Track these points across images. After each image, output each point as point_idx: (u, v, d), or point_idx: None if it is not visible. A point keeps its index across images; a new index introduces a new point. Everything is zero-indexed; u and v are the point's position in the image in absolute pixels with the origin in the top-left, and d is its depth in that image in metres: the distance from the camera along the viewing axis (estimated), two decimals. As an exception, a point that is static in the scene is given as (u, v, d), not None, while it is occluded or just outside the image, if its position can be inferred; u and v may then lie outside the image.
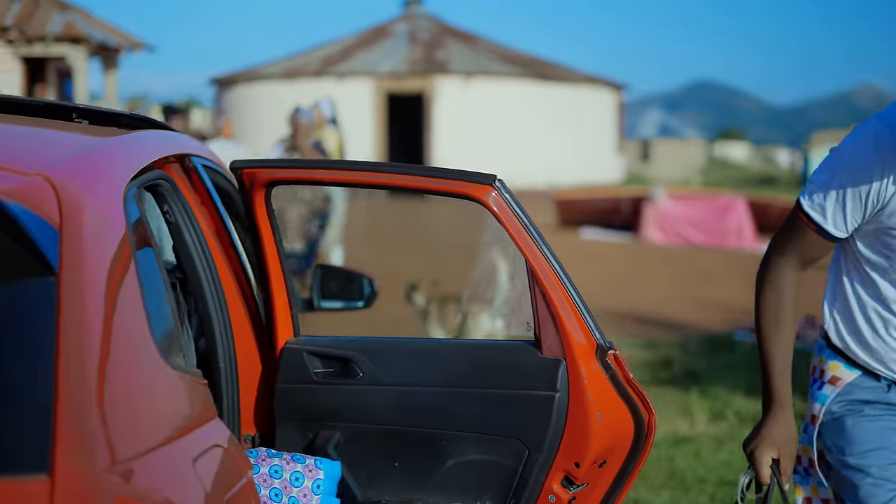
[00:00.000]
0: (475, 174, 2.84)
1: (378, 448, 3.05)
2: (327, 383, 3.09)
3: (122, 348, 2.02)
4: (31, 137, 2.51)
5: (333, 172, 3.26)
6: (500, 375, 2.92)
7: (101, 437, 1.83)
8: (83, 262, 2.01)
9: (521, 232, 2.79)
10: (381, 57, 29.57)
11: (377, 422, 3.04)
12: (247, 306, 3.22)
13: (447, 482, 2.98)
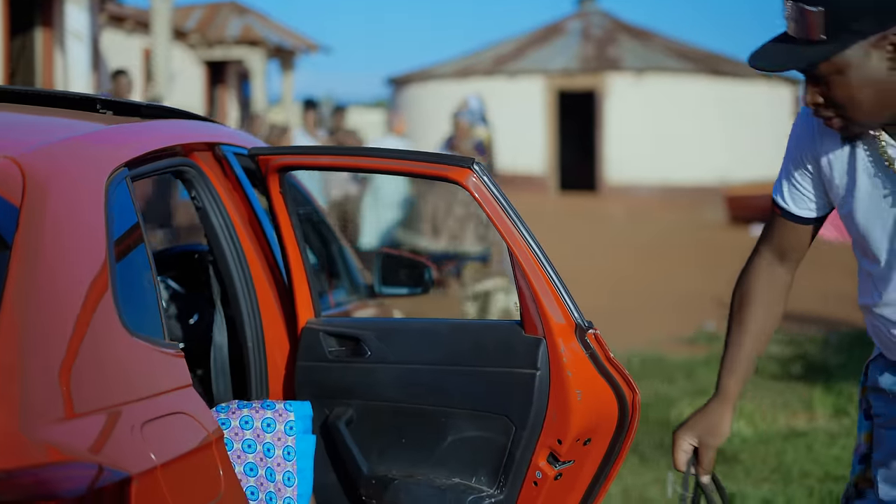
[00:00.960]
0: (456, 157, 2.93)
1: (386, 424, 3.15)
2: (340, 361, 3.21)
3: (75, 318, 2.17)
4: (20, 125, 2.70)
5: (333, 158, 3.40)
6: (490, 354, 2.99)
7: (31, 399, 1.97)
8: (42, 238, 2.17)
9: (500, 214, 2.85)
10: (553, 55, 29.55)
11: (384, 399, 3.14)
12: (276, 289, 3.36)
13: (447, 458, 3.06)
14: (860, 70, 2.30)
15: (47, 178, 2.27)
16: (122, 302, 2.32)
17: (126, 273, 2.43)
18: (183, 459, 2.28)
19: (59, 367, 2.08)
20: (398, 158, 3.16)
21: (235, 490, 2.52)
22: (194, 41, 28.18)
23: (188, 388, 2.47)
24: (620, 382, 2.84)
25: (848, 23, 2.28)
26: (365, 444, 3.16)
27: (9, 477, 1.87)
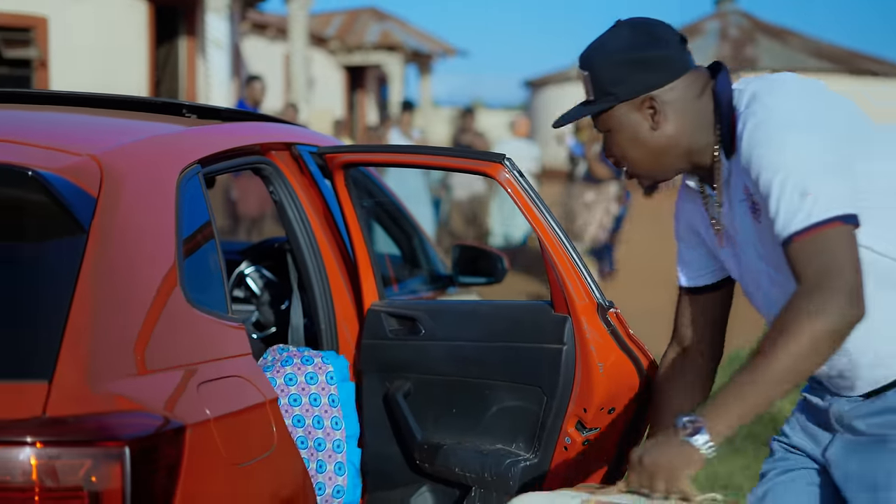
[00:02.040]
0: (490, 154, 3.24)
1: (438, 396, 3.48)
2: (399, 339, 3.55)
3: (141, 289, 2.54)
4: (105, 127, 3.10)
5: (387, 155, 3.76)
6: (524, 331, 3.29)
7: (100, 357, 2.35)
8: (114, 224, 2.55)
9: (530, 205, 3.15)
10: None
11: (436, 373, 3.46)
12: (345, 275, 3.71)
13: (490, 426, 3.37)
14: (625, 129, 2.53)
15: (122, 173, 2.65)
16: (188, 279, 2.69)
17: (193, 256, 2.80)
18: (236, 416, 2.63)
19: (127, 331, 2.45)
20: (440, 155, 3.52)
21: (288, 446, 2.87)
22: (334, 47, 28.96)
23: (247, 356, 2.83)
24: (640, 356, 3.11)
25: (606, 87, 2.51)
26: (419, 414, 3.49)
27: (77, 421, 2.24)
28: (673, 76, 2.51)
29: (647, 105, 2.52)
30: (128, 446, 2.24)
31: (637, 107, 2.52)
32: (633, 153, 2.56)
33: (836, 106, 2.41)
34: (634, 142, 2.54)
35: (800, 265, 2.26)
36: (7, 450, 2.19)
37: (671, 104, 2.52)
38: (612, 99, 2.52)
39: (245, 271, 4.54)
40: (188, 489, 2.36)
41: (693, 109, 2.52)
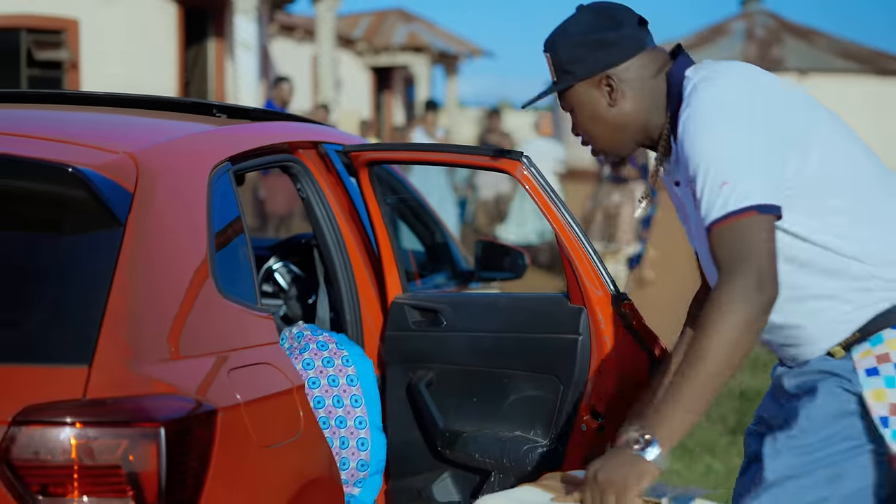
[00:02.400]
0: (508, 151, 3.37)
1: (459, 385, 3.60)
2: (421, 331, 3.67)
3: (175, 280, 2.68)
4: (140, 127, 3.24)
5: (410, 153, 3.90)
6: (542, 322, 3.41)
7: (137, 342, 2.48)
8: (150, 217, 2.68)
9: (546, 200, 3.27)
10: (715, 56, 29.47)
11: (457, 363, 3.59)
12: (370, 269, 3.84)
13: (510, 414, 3.50)
14: (585, 106, 2.66)
15: (157, 170, 2.78)
16: (219, 271, 2.82)
17: (224, 249, 2.94)
18: (265, 401, 2.77)
19: (162, 319, 2.59)
20: (460, 153, 3.66)
21: (315, 432, 2.99)
22: (361, 48, 29.14)
23: (275, 344, 2.96)
24: (652, 345, 3.23)
25: (566, 67, 2.65)
26: (441, 403, 3.61)
27: (115, 402, 2.38)
28: (628, 55, 2.64)
29: (604, 83, 2.65)
30: (163, 427, 2.37)
31: (595, 85, 2.65)
32: (593, 129, 2.69)
33: (773, 98, 2.52)
34: (594, 118, 2.67)
35: (716, 253, 2.38)
36: (49, 430, 2.32)
37: (627, 82, 2.65)
38: (571, 78, 2.66)
39: (273, 267, 4.68)
40: (219, 469, 2.50)
41: (649, 88, 2.65)
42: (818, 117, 2.58)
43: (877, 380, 2.50)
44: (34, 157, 2.64)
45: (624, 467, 2.33)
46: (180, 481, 2.41)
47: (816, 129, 2.55)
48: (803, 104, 2.58)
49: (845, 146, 2.60)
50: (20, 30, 18.14)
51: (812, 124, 2.55)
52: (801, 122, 2.54)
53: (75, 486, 2.34)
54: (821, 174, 2.51)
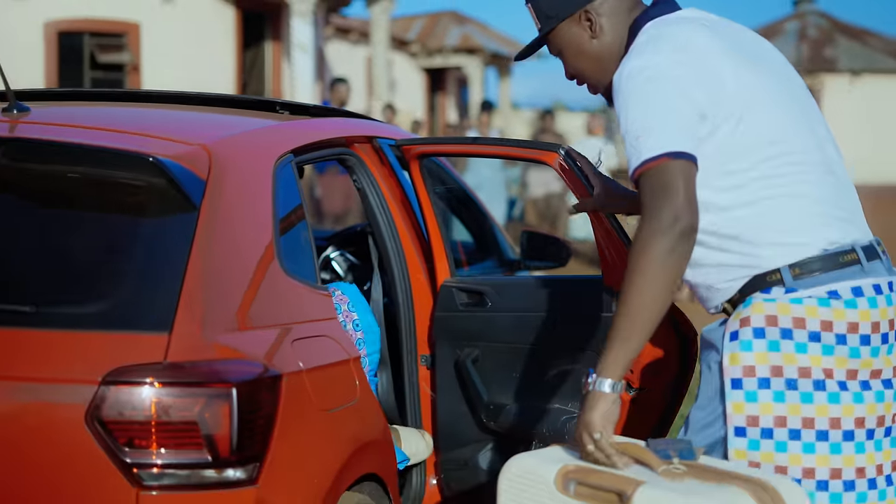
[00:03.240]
0: (547, 144, 3.66)
1: (503, 361, 3.87)
2: (468, 311, 3.95)
3: (244, 258, 2.97)
4: (213, 122, 3.53)
5: (456, 146, 4.19)
6: (581, 301, 3.68)
7: (211, 313, 2.77)
8: (223, 202, 2.97)
9: (583, 189, 3.53)
10: (768, 57, 29.57)
11: (501, 341, 3.87)
12: (421, 255, 4.12)
13: (549, 388, 3.77)
14: (571, 44, 2.89)
15: (227, 160, 3.07)
16: (283, 251, 3.11)
17: (287, 232, 3.23)
18: (324, 369, 3.05)
19: (233, 294, 2.88)
20: (502, 145, 3.96)
21: (370, 399, 3.28)
22: (415, 50, 29.46)
23: (333, 319, 3.25)
24: (681, 323, 3.48)
25: (547, 12, 2.88)
26: (486, 378, 3.89)
27: (192, 366, 2.67)
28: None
29: (584, 18, 2.88)
30: (234, 388, 2.66)
31: (576, 22, 2.88)
32: (581, 65, 2.92)
33: (698, 71, 2.70)
34: (580, 53, 2.90)
35: (640, 199, 2.60)
36: (134, 389, 2.62)
37: (605, 15, 2.87)
38: (554, 20, 2.90)
39: (330, 256, 4.97)
40: (284, 427, 2.78)
41: (624, 21, 2.88)
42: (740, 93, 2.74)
43: (734, 344, 2.72)
44: (120, 149, 2.94)
45: (587, 406, 2.61)
46: (249, 437, 2.69)
47: (729, 105, 2.72)
48: (731, 79, 2.73)
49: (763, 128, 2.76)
50: (83, 33, 18.62)
51: (727, 101, 2.72)
52: (714, 99, 2.71)
53: (157, 440, 2.62)
54: (725, 145, 2.71)
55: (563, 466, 2.70)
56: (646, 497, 2.54)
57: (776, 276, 2.73)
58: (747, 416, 2.71)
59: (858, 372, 2.73)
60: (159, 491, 2.61)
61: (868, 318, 2.73)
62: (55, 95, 4.00)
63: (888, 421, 2.77)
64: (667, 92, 2.67)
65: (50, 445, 2.64)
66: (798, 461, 2.70)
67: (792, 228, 2.76)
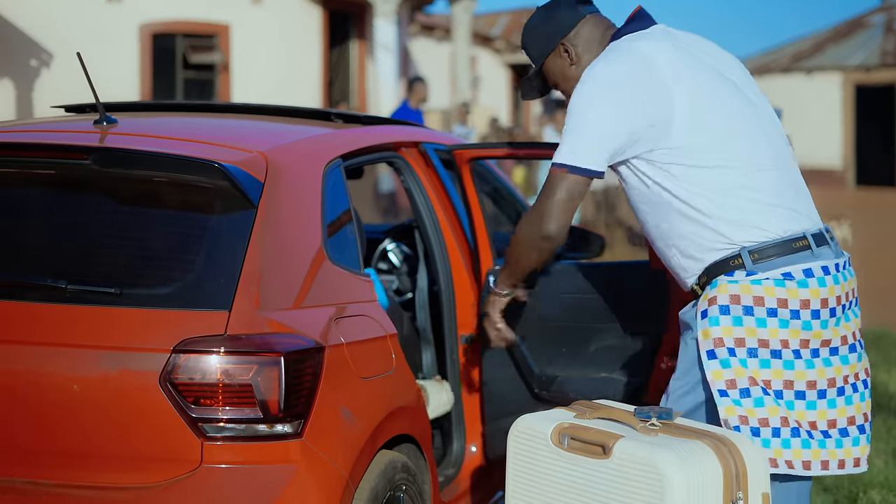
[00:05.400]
0: None
1: (550, 338, 4.38)
2: None
3: (295, 249, 3.49)
4: (270, 131, 4.07)
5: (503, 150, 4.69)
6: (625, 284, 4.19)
7: (265, 294, 3.30)
8: (278, 201, 3.49)
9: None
10: (853, 50, 29.52)
11: (550, 319, 4.38)
12: (463, 247, 4.62)
13: (596, 360, 4.29)
14: (559, 73, 3.48)
15: (282, 165, 3.59)
16: (329, 243, 3.63)
17: (334, 226, 3.74)
18: (363, 343, 3.56)
19: (284, 278, 3.40)
20: (542, 148, 4.44)
21: (405, 371, 3.79)
22: (500, 46, 29.95)
23: (373, 302, 3.76)
24: None
25: (535, 54, 3.50)
26: (536, 353, 4.39)
27: (248, 338, 3.19)
28: (572, 23, 3.45)
29: (563, 50, 3.47)
30: (283, 357, 3.18)
31: (559, 55, 3.48)
32: (571, 88, 3.45)
33: (649, 85, 3.27)
34: (566, 80, 3.50)
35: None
36: (200, 357, 3.15)
37: (580, 45, 3.46)
38: (541, 57, 3.51)
39: (387, 248, 5.49)
40: (325, 391, 3.30)
41: (602, 43, 3.44)
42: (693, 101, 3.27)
43: (705, 321, 3.25)
44: (191, 156, 3.46)
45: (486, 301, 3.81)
46: (295, 398, 3.20)
47: (682, 112, 3.25)
48: (685, 90, 3.27)
49: (716, 129, 3.29)
50: (176, 35, 19.40)
51: (678, 109, 3.25)
52: (668, 107, 3.25)
53: (218, 400, 3.15)
54: (687, 146, 3.25)
55: (559, 424, 3.19)
56: (623, 448, 3.02)
57: (738, 261, 3.24)
58: (726, 380, 3.22)
59: (810, 342, 3.24)
60: (220, 441, 3.14)
61: (818, 296, 3.23)
62: (139, 107, 4.58)
63: (839, 382, 3.27)
64: (605, 103, 3.27)
65: (130, 404, 3.18)
66: (753, 414, 3.21)
67: (749, 217, 3.26)
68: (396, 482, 3.61)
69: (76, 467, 3.18)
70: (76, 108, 4.54)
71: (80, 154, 3.48)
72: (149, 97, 18.96)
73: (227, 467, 3.15)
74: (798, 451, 3.22)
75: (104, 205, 3.53)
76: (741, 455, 3.03)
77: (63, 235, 3.43)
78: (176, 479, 3.14)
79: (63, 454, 3.20)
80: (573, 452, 3.14)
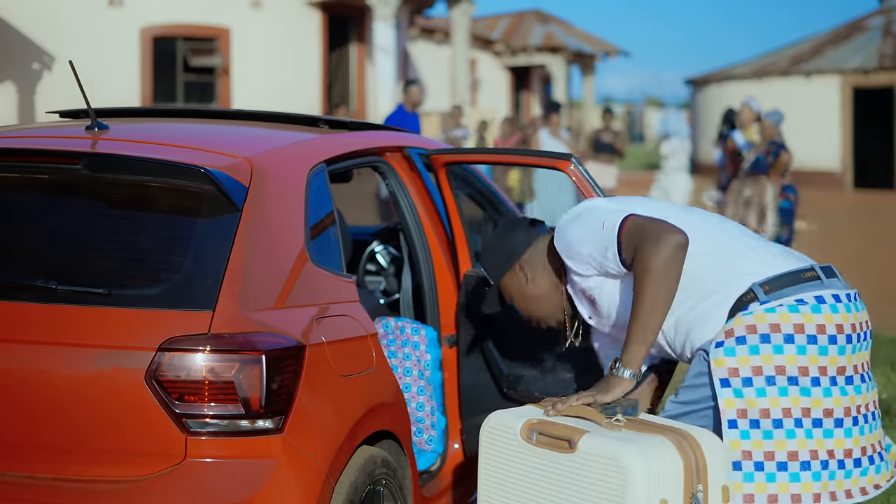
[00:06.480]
0: (560, 154, 4.30)
1: (520, 340, 4.50)
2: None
3: (278, 251, 3.61)
4: (256, 136, 4.20)
5: (477, 155, 4.80)
6: None
7: (248, 295, 3.43)
8: (262, 205, 3.62)
9: (592, 191, 4.14)
10: (852, 52, 29.62)
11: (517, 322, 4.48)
12: (445, 249, 4.75)
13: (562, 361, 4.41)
14: (515, 290, 3.70)
15: (267, 170, 3.72)
16: (312, 245, 3.75)
17: (317, 229, 3.87)
18: (343, 342, 3.69)
19: (267, 279, 3.52)
20: (520, 155, 4.57)
21: (385, 369, 3.91)
22: (500, 49, 30.07)
23: (355, 302, 3.89)
24: None
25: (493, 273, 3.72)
26: (505, 353, 4.51)
27: (230, 337, 3.32)
28: (526, 245, 3.67)
29: (518, 269, 3.68)
30: (264, 355, 3.30)
31: (515, 274, 3.70)
32: (526, 305, 3.74)
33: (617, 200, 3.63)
34: (523, 296, 3.72)
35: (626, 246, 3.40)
36: (184, 355, 3.28)
37: (533, 263, 3.67)
38: (498, 276, 3.71)
39: (375, 249, 5.63)
40: (305, 388, 3.42)
41: (548, 259, 3.65)
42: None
43: (719, 350, 3.34)
44: (178, 161, 3.59)
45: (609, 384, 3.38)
46: (276, 395, 3.33)
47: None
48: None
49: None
50: (176, 38, 19.53)
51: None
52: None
53: (202, 396, 3.28)
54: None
55: (528, 420, 3.32)
56: (588, 443, 3.16)
57: (751, 296, 3.35)
58: (737, 409, 3.30)
59: (827, 368, 3.32)
60: (203, 436, 3.27)
61: (832, 321, 3.33)
62: (131, 113, 4.71)
63: (854, 412, 3.35)
64: (598, 207, 3.56)
65: (118, 400, 3.30)
66: (783, 446, 3.29)
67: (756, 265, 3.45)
68: (376, 476, 3.74)
69: (65, 461, 3.31)
70: (71, 114, 4.68)
71: (71, 159, 3.61)
72: (149, 100, 19.09)
73: (211, 461, 3.28)
74: (808, 483, 3.28)
75: (94, 208, 3.66)
76: (701, 449, 3.16)
77: (55, 238, 3.56)
78: (161, 472, 3.26)
79: (53, 449, 3.33)
80: (541, 447, 3.27)
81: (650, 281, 3.25)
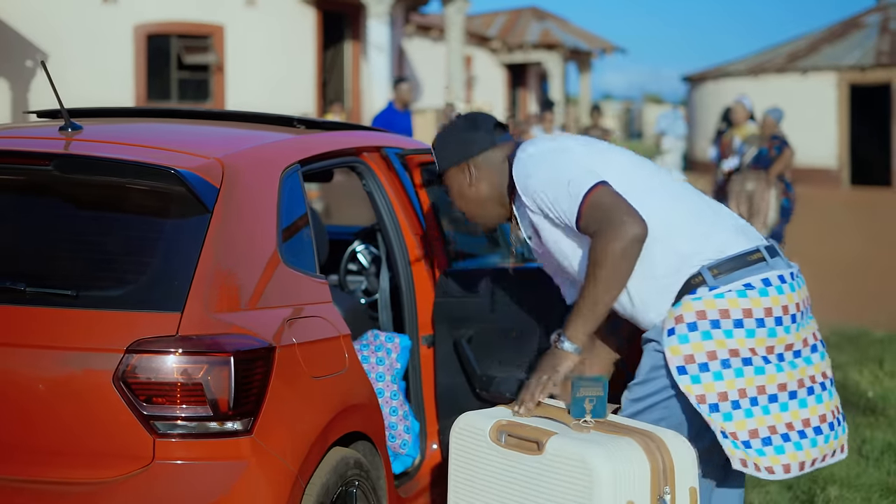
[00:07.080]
0: None
1: (493, 340, 4.49)
2: (463, 297, 4.56)
3: (249, 252, 3.60)
4: (229, 137, 4.18)
5: None
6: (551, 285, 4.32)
7: (217, 296, 3.42)
8: (233, 206, 3.61)
9: None
10: (848, 50, 29.61)
11: (492, 322, 4.48)
12: (422, 249, 4.74)
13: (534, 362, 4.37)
14: (454, 187, 3.71)
15: (238, 171, 3.71)
16: (284, 247, 3.74)
17: (289, 230, 3.86)
18: (315, 343, 3.68)
19: (236, 280, 3.52)
20: None
21: (358, 370, 3.90)
22: (496, 46, 30.06)
23: (328, 303, 3.88)
24: None
25: (440, 160, 3.69)
26: (479, 354, 4.51)
27: (199, 338, 3.31)
28: (482, 148, 3.63)
29: (466, 168, 3.66)
30: (232, 357, 3.29)
31: (460, 171, 3.67)
32: (462, 204, 3.73)
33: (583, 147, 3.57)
34: (461, 196, 3.71)
35: (588, 223, 3.38)
36: (152, 357, 3.27)
37: (481, 169, 3.64)
38: (445, 167, 3.70)
39: (356, 249, 5.62)
40: (275, 390, 3.41)
41: (498, 171, 3.63)
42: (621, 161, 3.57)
43: (672, 338, 3.37)
44: (149, 162, 3.58)
45: (550, 357, 3.43)
46: (245, 397, 3.32)
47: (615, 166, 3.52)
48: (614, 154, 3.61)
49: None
50: (171, 35, 19.53)
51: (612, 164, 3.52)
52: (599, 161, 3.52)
53: (170, 398, 3.27)
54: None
55: (497, 421, 3.32)
56: (555, 445, 3.15)
57: (699, 279, 3.36)
58: (696, 395, 3.35)
59: (775, 347, 3.39)
60: (172, 438, 3.27)
61: (778, 303, 3.39)
62: (106, 113, 4.70)
63: (808, 381, 3.43)
64: (570, 154, 3.49)
65: (86, 402, 3.29)
66: (743, 426, 3.35)
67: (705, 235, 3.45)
68: (349, 478, 3.73)
69: (32, 463, 3.30)
70: (48, 114, 4.67)
71: (42, 160, 3.60)
72: (143, 97, 19.08)
73: (179, 463, 3.27)
74: (775, 457, 3.35)
75: (65, 209, 3.65)
76: (668, 451, 3.16)
77: (25, 239, 3.55)
78: (129, 474, 3.26)
79: (20, 450, 3.32)
80: (510, 448, 3.26)
81: (605, 267, 3.31)
